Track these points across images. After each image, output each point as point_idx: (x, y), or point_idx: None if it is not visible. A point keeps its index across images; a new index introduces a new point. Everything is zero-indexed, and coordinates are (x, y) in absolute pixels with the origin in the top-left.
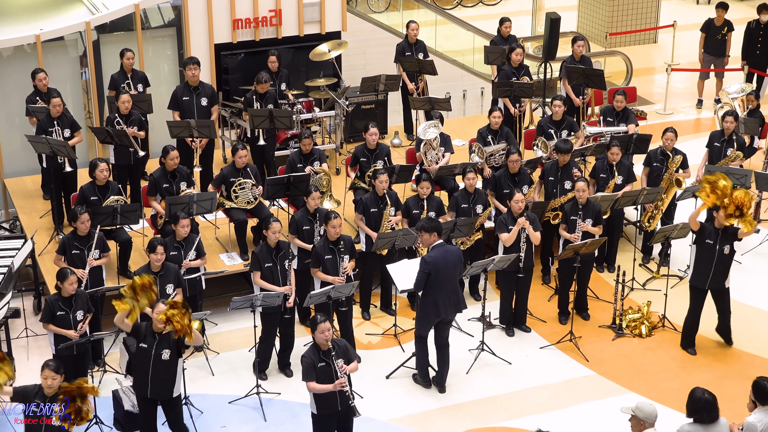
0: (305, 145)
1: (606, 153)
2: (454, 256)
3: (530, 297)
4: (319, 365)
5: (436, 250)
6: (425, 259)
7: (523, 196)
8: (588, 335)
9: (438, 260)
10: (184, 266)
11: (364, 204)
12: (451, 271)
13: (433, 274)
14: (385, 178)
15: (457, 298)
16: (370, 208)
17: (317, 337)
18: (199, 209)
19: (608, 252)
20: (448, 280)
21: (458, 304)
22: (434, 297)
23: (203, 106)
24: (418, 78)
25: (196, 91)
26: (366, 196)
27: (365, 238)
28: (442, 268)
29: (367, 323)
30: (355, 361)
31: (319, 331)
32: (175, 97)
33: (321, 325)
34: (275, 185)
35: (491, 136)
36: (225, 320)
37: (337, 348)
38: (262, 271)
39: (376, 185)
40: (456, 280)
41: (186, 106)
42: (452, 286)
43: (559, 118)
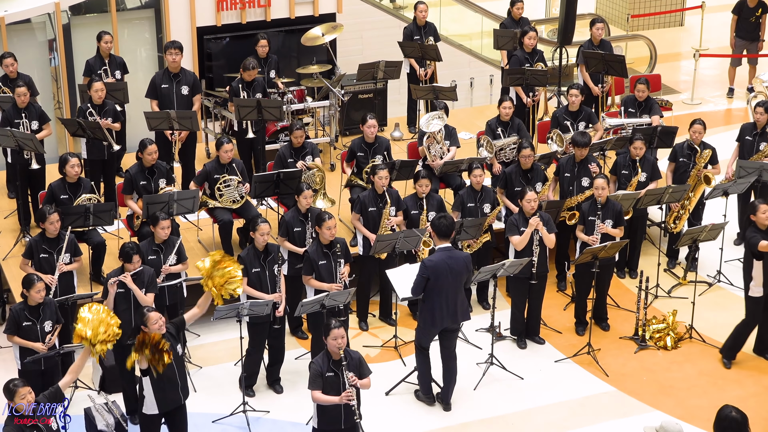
0: (296, 138)
1: (628, 147)
2: (458, 263)
3: (544, 305)
4: (327, 375)
5: (439, 253)
6: (425, 263)
7: (536, 195)
8: (608, 347)
9: (439, 265)
10: (163, 272)
11: (361, 202)
12: (453, 278)
13: (432, 279)
14: (385, 174)
15: (456, 307)
16: (368, 207)
17: (329, 344)
18: (180, 209)
19: (630, 256)
20: (450, 287)
21: (457, 314)
22: (431, 304)
23: (184, 96)
24: (427, 63)
25: (176, 78)
26: (364, 194)
27: (362, 241)
28: (443, 274)
29: (364, 334)
30: (368, 377)
31: (332, 337)
32: (153, 84)
33: (335, 331)
34: (263, 182)
35: (501, 129)
36: (208, 331)
37: (350, 359)
38: (248, 277)
39: (375, 182)
40: (460, 288)
41: (165, 94)
42: (453, 293)
43: (575, 108)
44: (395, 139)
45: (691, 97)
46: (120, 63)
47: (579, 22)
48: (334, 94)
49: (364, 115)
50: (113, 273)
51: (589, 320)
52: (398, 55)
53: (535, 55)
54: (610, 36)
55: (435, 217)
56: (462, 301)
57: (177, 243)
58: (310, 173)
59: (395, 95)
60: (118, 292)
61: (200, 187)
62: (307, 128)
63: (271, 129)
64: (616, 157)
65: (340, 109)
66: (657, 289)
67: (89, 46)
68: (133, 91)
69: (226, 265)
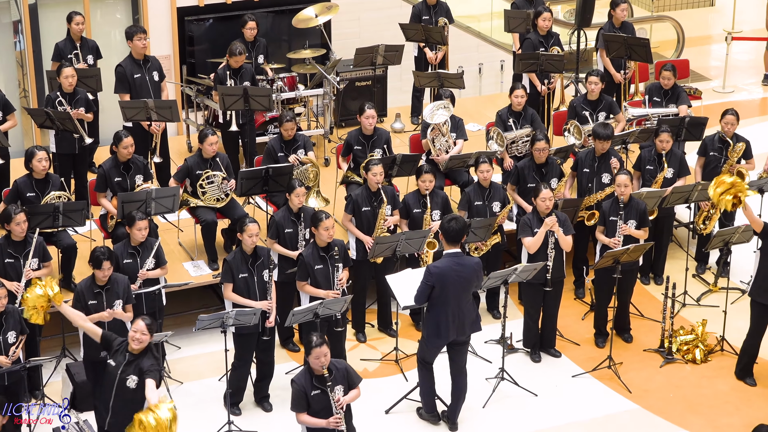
0: (287, 129)
1: (653, 140)
2: (468, 270)
3: (560, 314)
4: (313, 393)
5: (446, 259)
6: (430, 270)
7: (551, 192)
8: (631, 361)
9: (446, 272)
10: (140, 277)
11: (354, 202)
12: (461, 286)
13: (438, 288)
14: (379, 170)
15: (464, 318)
16: (362, 207)
17: (312, 362)
18: (159, 208)
19: (655, 260)
20: (457, 296)
21: (465, 325)
22: (436, 315)
23: (156, 82)
24: (436, 47)
25: (146, 64)
26: (356, 192)
27: (356, 244)
28: (450, 282)
29: (362, 346)
30: (357, 388)
31: (314, 356)
32: (122, 76)
33: (316, 350)
34: (251, 179)
35: (513, 120)
36: (190, 343)
37: (336, 373)
38: (235, 283)
39: (369, 179)
40: (468, 298)
41: (139, 84)
42: (461, 303)
43: (595, 97)
44: (396, 131)
45: (722, 85)
46: (93, 47)
47: (599, 2)
48: (328, 81)
49: (362, 104)
50: (83, 284)
51: (610, 331)
52: (399, 38)
53: (550, 39)
54: (633, 17)
55: (445, 219)
56: (471, 310)
57: (155, 246)
58: (302, 169)
59: (396, 82)
60: (91, 303)
61: (181, 184)
62: (299, 119)
63: (260, 120)
64: (640, 151)
65: (335, 98)
66: (685, 296)
67: (58, 28)
68: (107, 78)
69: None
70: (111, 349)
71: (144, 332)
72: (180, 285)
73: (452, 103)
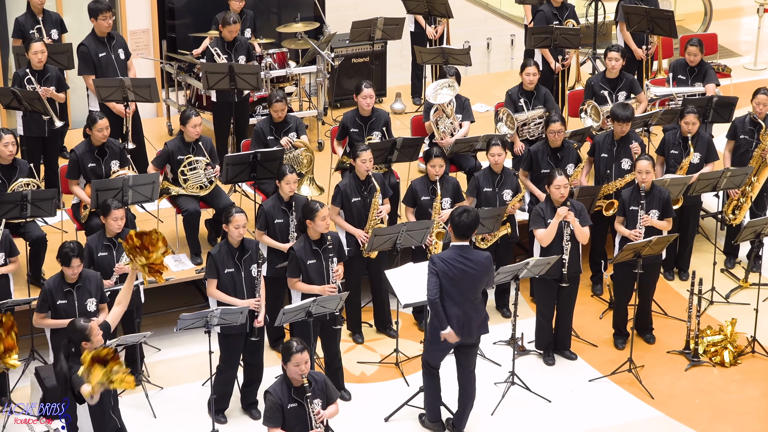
0: (277, 111)
1: (677, 122)
2: (477, 265)
3: (576, 313)
4: (290, 407)
5: (451, 252)
6: (434, 261)
7: (566, 179)
8: (653, 364)
9: (450, 265)
10: (116, 272)
11: (342, 192)
12: (469, 283)
13: (443, 283)
14: (368, 155)
15: (471, 318)
16: (351, 198)
17: (290, 370)
18: (137, 197)
19: (680, 253)
20: (464, 295)
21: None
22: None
23: (122, 61)
24: (437, 20)
25: (110, 42)
26: (343, 182)
27: (346, 238)
28: (454, 277)
29: (359, 348)
30: (335, 404)
31: (293, 362)
32: (85, 56)
33: (297, 356)
34: (237, 165)
35: (524, 100)
36: (171, 344)
37: (314, 385)
38: (220, 279)
39: (357, 166)
40: (477, 296)
41: (104, 63)
42: (468, 302)
43: (614, 75)
44: (396, 113)
45: (753, 62)
46: (57, 20)
47: None
48: (322, 57)
49: (359, 82)
50: (52, 282)
51: (631, 331)
52: (400, 10)
53: (565, 11)
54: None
55: (456, 211)
56: (479, 311)
57: None
58: (295, 153)
59: (396, 59)
60: (60, 303)
61: (160, 170)
62: (290, 99)
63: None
64: (664, 134)
65: (329, 77)
66: (712, 293)
67: (20, 0)
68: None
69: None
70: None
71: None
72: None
73: (458, 81)
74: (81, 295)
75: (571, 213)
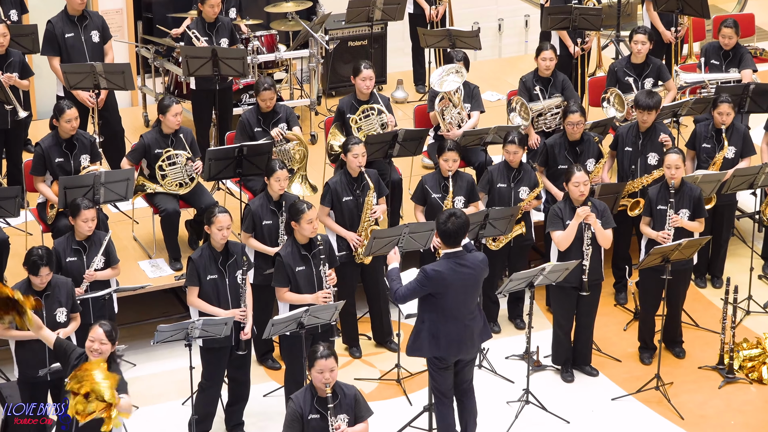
0: (265, 100)
1: (710, 112)
2: (472, 272)
3: (597, 324)
4: (311, 417)
5: (444, 261)
6: (426, 272)
7: (586, 176)
8: (683, 380)
9: (445, 277)
10: (87, 279)
11: (332, 191)
12: (467, 290)
13: (437, 296)
14: (361, 149)
15: (473, 330)
16: (342, 197)
17: (314, 377)
18: (110, 195)
19: (713, 258)
20: (464, 305)
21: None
22: (434, 327)
23: (96, 44)
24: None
25: (82, 22)
26: (333, 179)
27: (337, 242)
28: (453, 288)
29: (356, 363)
30: (365, 422)
31: (317, 368)
32: (50, 35)
33: (321, 362)
34: (221, 160)
35: (540, 87)
36: (147, 359)
37: (342, 399)
38: (202, 287)
39: (349, 161)
40: (472, 305)
41: (72, 46)
42: (467, 312)
43: (640, 60)
44: (398, 102)
45: None
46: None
47: None
48: (315, 41)
49: (357, 63)
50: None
51: (658, 344)
52: None
53: None
54: None
55: (441, 216)
56: (477, 317)
57: (105, 240)
58: (286, 147)
59: (398, 42)
60: None
61: (136, 165)
62: (280, 87)
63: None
64: (695, 125)
65: (323, 62)
66: (749, 302)
67: None
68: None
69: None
70: (68, 363)
71: (103, 341)
72: (135, 288)
73: (466, 67)
74: (50, 305)
75: (592, 214)
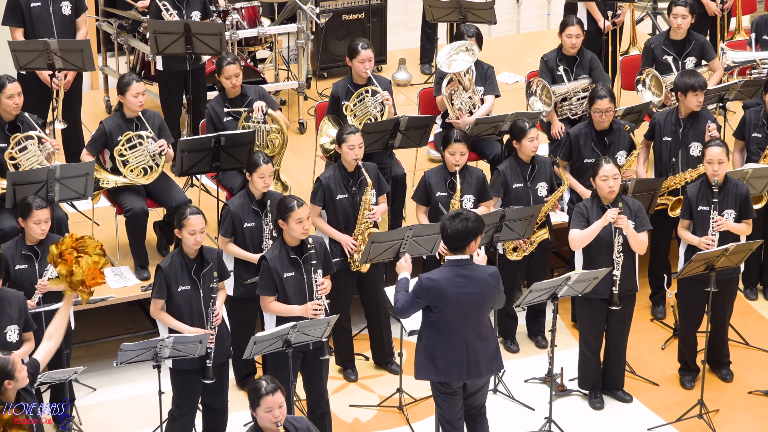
0: (229, 77)
1: (762, 96)
2: (476, 285)
3: (631, 342)
4: None
5: (445, 269)
6: (421, 281)
7: (617, 170)
8: (731, 408)
9: (442, 288)
10: (39, 290)
11: (324, 188)
12: (467, 309)
13: (435, 309)
14: (357, 140)
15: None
16: (336, 195)
17: (261, 418)
18: (67, 193)
19: (764, 265)
20: (465, 324)
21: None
22: (431, 347)
23: (66, 17)
24: None
25: None
26: (326, 173)
27: (330, 246)
28: (451, 302)
29: (351, 387)
30: None
31: (263, 407)
32: (13, 5)
33: (268, 399)
34: (195, 152)
35: (565, 68)
36: (109, 382)
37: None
38: (172, 299)
39: (344, 154)
40: (482, 323)
41: (37, 16)
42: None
43: (681, 36)
44: (400, 84)
45: None
46: None
47: None
48: (304, 14)
49: (353, 42)
50: None
51: (702, 365)
52: None
53: None
54: None
55: (445, 216)
56: (487, 341)
57: None
58: (264, 128)
59: (399, 15)
60: None
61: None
62: (263, 67)
63: (208, 68)
64: (744, 111)
65: (313, 38)
66: None
67: None
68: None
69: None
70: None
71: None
72: (95, 301)
73: (478, 44)
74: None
75: (624, 217)
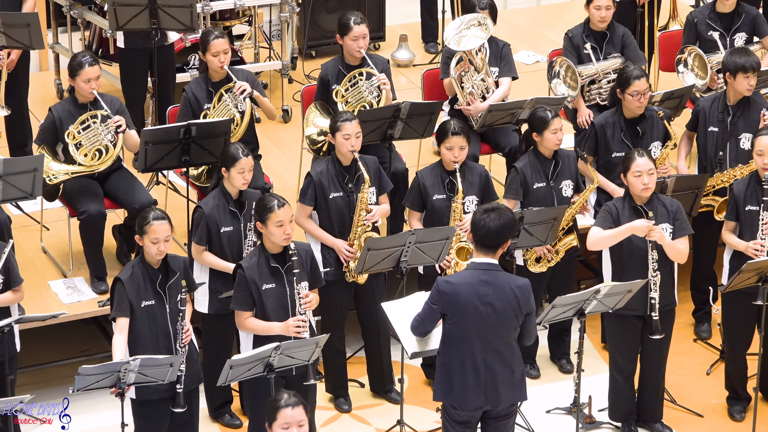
0: (217, 54)
1: None
2: (501, 294)
3: (670, 366)
4: None
5: (468, 272)
6: (438, 284)
7: (651, 163)
8: None
9: (459, 294)
10: None
11: (315, 184)
12: (489, 322)
13: (450, 317)
14: (354, 128)
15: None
16: (329, 193)
17: None
18: (11, 192)
19: None
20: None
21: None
22: (447, 364)
23: None
24: None
25: None
26: (318, 168)
27: (322, 254)
28: (465, 312)
29: (344, 419)
30: None
31: (280, 422)
32: None
33: (284, 412)
34: (161, 144)
35: (592, 45)
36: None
37: None
38: (134, 317)
39: (338, 145)
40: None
41: None
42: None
43: (729, 8)
44: (400, 65)
45: None
46: None
47: None
48: None
49: (344, 17)
50: None
51: (753, 393)
52: None
53: None
54: None
55: (480, 209)
56: (509, 364)
57: (4, 254)
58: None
59: None
60: None
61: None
62: (241, 45)
63: (178, 46)
64: None
65: (300, 11)
66: None
67: None
68: None
69: None
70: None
71: None
72: (44, 318)
73: (492, 18)
74: None
75: (658, 228)
